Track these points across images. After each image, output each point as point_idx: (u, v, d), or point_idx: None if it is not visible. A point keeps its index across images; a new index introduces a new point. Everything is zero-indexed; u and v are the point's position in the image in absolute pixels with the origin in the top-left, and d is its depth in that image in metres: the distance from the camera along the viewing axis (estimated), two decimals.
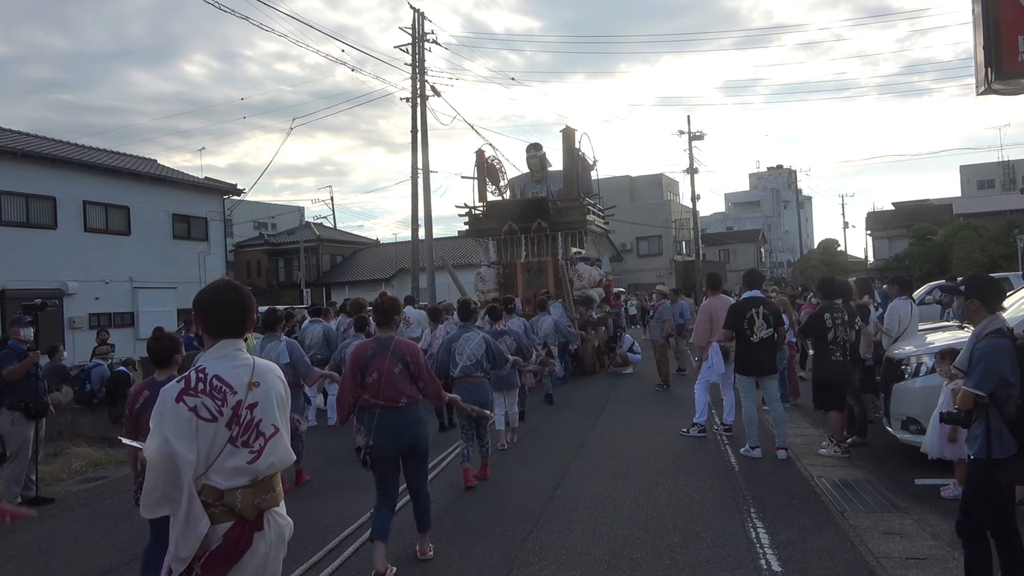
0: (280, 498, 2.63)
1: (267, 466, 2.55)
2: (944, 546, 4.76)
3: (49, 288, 20.17)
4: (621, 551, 4.99)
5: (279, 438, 2.60)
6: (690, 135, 41.46)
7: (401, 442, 4.78)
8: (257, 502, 2.51)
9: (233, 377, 2.54)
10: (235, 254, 39.71)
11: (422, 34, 22.65)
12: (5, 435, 7.08)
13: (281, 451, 2.60)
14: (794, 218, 68.25)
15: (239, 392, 2.52)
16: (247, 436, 2.51)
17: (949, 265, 29.83)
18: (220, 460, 2.46)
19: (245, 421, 2.51)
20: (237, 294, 2.68)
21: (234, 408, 2.50)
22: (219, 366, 2.55)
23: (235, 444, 2.49)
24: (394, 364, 4.77)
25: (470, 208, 18.33)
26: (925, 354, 6.81)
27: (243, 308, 2.67)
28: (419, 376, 4.87)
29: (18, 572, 5.34)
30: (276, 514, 2.59)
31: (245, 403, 2.52)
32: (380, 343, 4.91)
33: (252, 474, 2.51)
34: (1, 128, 22.39)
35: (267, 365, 2.69)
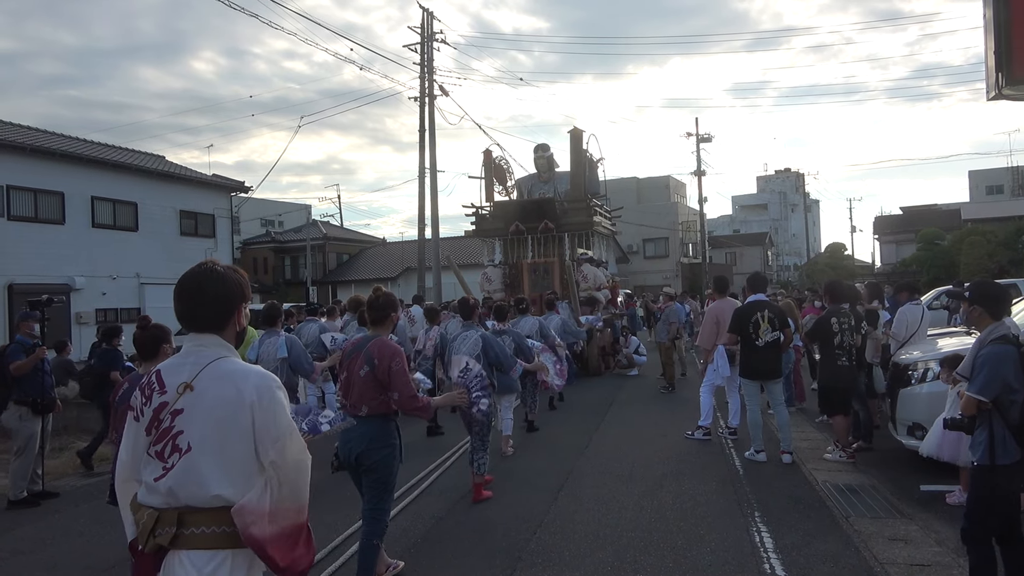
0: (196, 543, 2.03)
1: (167, 491, 2.05)
2: (949, 553, 4.73)
3: (57, 283, 20.24)
4: (624, 553, 4.98)
5: (190, 463, 2.05)
6: (698, 137, 41.46)
7: (351, 453, 4.35)
8: (157, 533, 2.03)
9: (170, 375, 2.16)
10: (242, 251, 39.79)
11: (431, 33, 22.67)
12: (12, 430, 7.11)
13: (194, 480, 2.04)
14: (801, 221, 68.14)
15: (168, 393, 2.13)
16: (161, 446, 2.09)
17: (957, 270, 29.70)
18: (143, 469, 2.15)
19: (163, 428, 2.10)
20: (203, 281, 2.21)
21: (156, 410, 2.13)
22: (168, 361, 2.25)
23: (150, 452, 2.12)
24: (361, 366, 4.36)
25: (477, 208, 18.35)
26: (932, 359, 6.78)
27: (211, 298, 2.21)
28: (390, 385, 4.30)
29: (24, 566, 5.36)
30: (180, 563, 2.03)
31: (170, 407, 2.10)
32: (360, 342, 4.59)
33: (160, 495, 2.06)
34: (10, 123, 22.50)
35: (235, 372, 2.15)
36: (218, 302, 2.22)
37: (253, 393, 2.10)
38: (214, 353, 2.18)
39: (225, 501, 2.05)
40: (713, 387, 8.76)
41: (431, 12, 22.68)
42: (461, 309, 7.23)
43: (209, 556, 2.03)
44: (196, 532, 2.03)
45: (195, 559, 2.02)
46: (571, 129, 17.89)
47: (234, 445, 2.07)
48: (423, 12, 22.61)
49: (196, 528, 2.04)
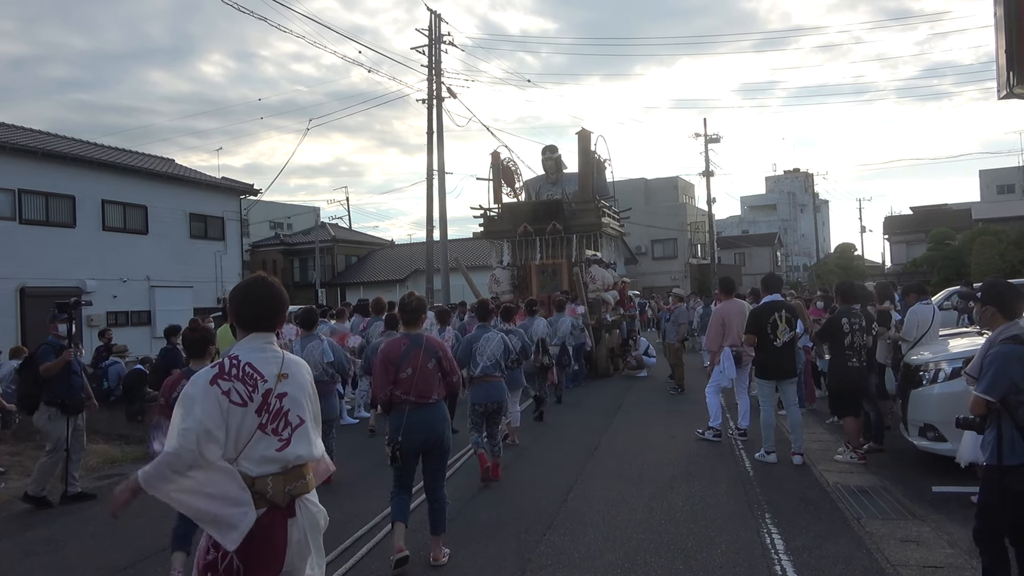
0: (311, 487, 2.69)
1: (295, 456, 2.62)
2: (962, 554, 4.71)
3: (68, 286, 20.32)
4: (635, 555, 4.97)
5: (304, 430, 2.67)
6: (706, 138, 41.38)
7: (429, 438, 4.88)
8: (288, 489, 2.57)
9: (264, 366, 2.63)
10: (251, 254, 39.92)
11: (438, 36, 22.72)
12: (42, 430, 7.17)
13: (306, 443, 2.67)
14: (811, 222, 67.85)
15: (269, 381, 2.61)
16: (276, 424, 2.59)
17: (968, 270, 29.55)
18: (250, 446, 2.55)
19: (274, 409, 2.60)
20: (268, 291, 2.76)
21: (264, 395, 2.59)
22: (251, 355, 2.64)
23: (264, 431, 2.57)
24: (428, 360, 4.92)
25: (485, 209, 18.35)
26: (944, 360, 6.74)
27: (273, 305, 2.76)
28: (451, 371, 5.05)
29: (37, 567, 5.39)
30: (307, 501, 2.66)
31: (275, 392, 2.61)
32: (412, 340, 5.02)
33: (281, 462, 2.58)
34: (21, 127, 22.65)
35: (295, 359, 2.78)
36: (279, 310, 2.80)
37: (309, 377, 2.82)
38: (277, 348, 2.74)
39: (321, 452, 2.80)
40: (719, 388, 8.74)
41: (439, 14, 22.74)
42: (479, 311, 7.82)
43: (314, 493, 2.73)
44: (308, 479, 2.69)
45: (311, 498, 2.70)
46: (579, 130, 17.89)
47: (313, 413, 2.77)
48: (431, 14, 22.67)
49: (305, 478, 2.68)
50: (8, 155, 19.11)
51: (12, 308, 19.10)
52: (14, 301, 19.17)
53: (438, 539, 4.98)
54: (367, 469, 7.72)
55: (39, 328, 18.75)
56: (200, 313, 18.45)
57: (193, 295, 23.68)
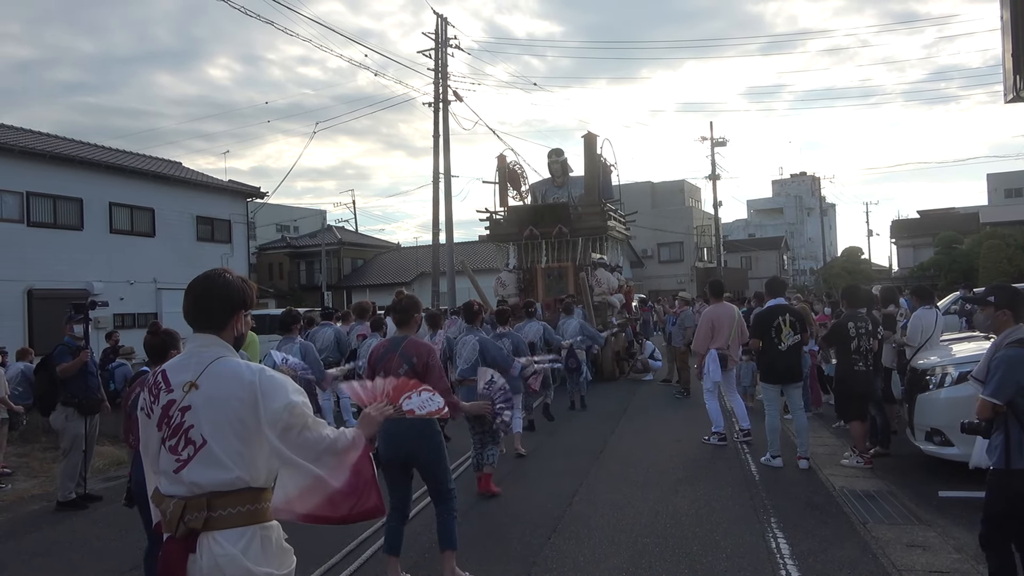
0: (230, 523, 2.22)
1: (189, 481, 2.23)
2: (969, 560, 4.68)
3: (75, 288, 20.41)
4: (640, 559, 4.96)
5: (209, 452, 2.22)
6: (712, 141, 41.35)
7: (401, 451, 4.54)
8: (187, 519, 2.20)
9: (176, 374, 2.32)
10: (257, 256, 40.06)
11: (445, 39, 22.76)
12: (59, 430, 7.20)
13: (209, 469, 2.22)
14: (817, 225, 67.67)
15: (175, 391, 2.29)
16: (175, 441, 2.26)
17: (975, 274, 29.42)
18: (159, 462, 2.32)
19: (175, 423, 2.26)
20: (210, 283, 2.41)
21: (164, 407, 2.30)
22: (171, 362, 2.41)
23: (164, 446, 2.29)
24: (399, 365, 4.54)
25: (491, 213, 18.37)
26: (950, 364, 6.72)
27: (215, 298, 2.40)
28: (427, 379, 4.35)
29: (42, 568, 5.41)
30: (215, 541, 2.20)
31: (178, 404, 2.27)
32: (392, 343, 4.76)
33: (181, 485, 2.24)
34: (30, 130, 22.78)
35: (234, 370, 2.30)
36: (220, 302, 2.40)
37: (253, 383, 2.26)
38: (215, 353, 2.34)
39: (246, 483, 2.26)
40: (716, 392, 8.71)
41: (445, 18, 22.78)
42: (465, 313, 7.39)
43: (239, 533, 2.22)
44: (224, 514, 2.22)
45: (228, 537, 2.21)
46: (585, 134, 17.90)
47: (248, 431, 2.25)
48: (437, 18, 22.71)
49: (223, 510, 2.22)
50: (16, 158, 19.22)
51: (20, 310, 19.20)
52: (22, 303, 19.28)
53: (447, 555, 4.58)
54: None
55: (46, 330, 18.92)
56: None
57: None
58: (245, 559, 2.20)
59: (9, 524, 6.65)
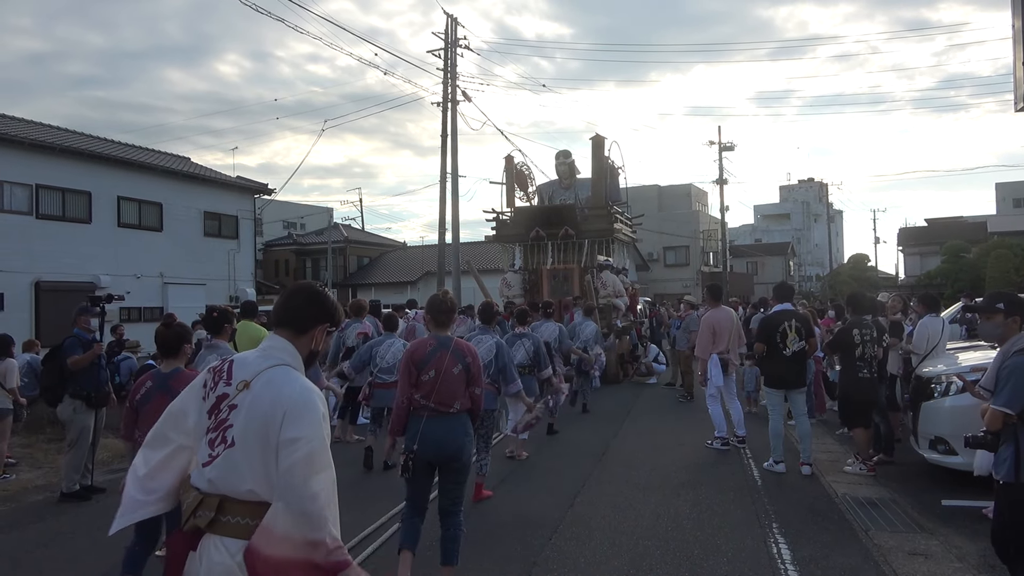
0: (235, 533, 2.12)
1: (209, 479, 2.18)
2: (970, 569, 4.67)
3: (82, 281, 20.50)
4: (640, 561, 4.96)
5: (231, 457, 2.16)
6: (720, 145, 41.28)
7: (444, 451, 4.44)
8: (197, 515, 2.16)
9: (239, 369, 2.28)
10: (264, 253, 40.13)
11: (454, 39, 22.75)
12: (66, 422, 7.22)
13: (229, 473, 2.15)
14: (824, 232, 67.47)
15: (231, 385, 2.24)
16: (215, 434, 2.21)
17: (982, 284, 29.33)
18: (198, 449, 2.28)
19: (220, 418, 2.22)
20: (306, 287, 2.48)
21: (219, 398, 2.25)
22: (241, 355, 2.38)
23: (206, 437, 2.23)
24: (454, 364, 4.49)
25: (498, 213, 18.38)
26: (955, 373, 6.70)
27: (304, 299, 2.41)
28: (476, 381, 4.57)
29: (46, 559, 5.43)
30: (216, 547, 2.12)
31: (229, 399, 2.22)
32: (440, 341, 4.63)
33: (204, 480, 2.19)
34: (39, 123, 22.86)
35: (281, 381, 2.22)
36: (309, 305, 2.38)
37: (287, 402, 2.14)
38: (278, 359, 2.28)
39: (258, 497, 2.12)
40: (719, 397, 8.70)
41: (455, 18, 22.77)
42: (482, 313, 7.24)
43: (241, 544, 2.08)
44: (231, 521, 2.12)
45: (229, 545, 2.11)
46: (593, 136, 17.92)
47: (268, 448, 2.12)
48: (447, 18, 22.71)
49: (231, 517, 2.13)
50: (26, 150, 19.30)
51: (27, 302, 19.27)
52: (29, 295, 19.35)
53: (449, 571, 4.51)
54: (366, 476, 7.74)
55: (53, 322, 18.98)
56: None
57: (206, 293, 23.80)
58: (240, 572, 2.06)
59: (13, 514, 6.68)
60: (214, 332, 5.83)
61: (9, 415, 8.22)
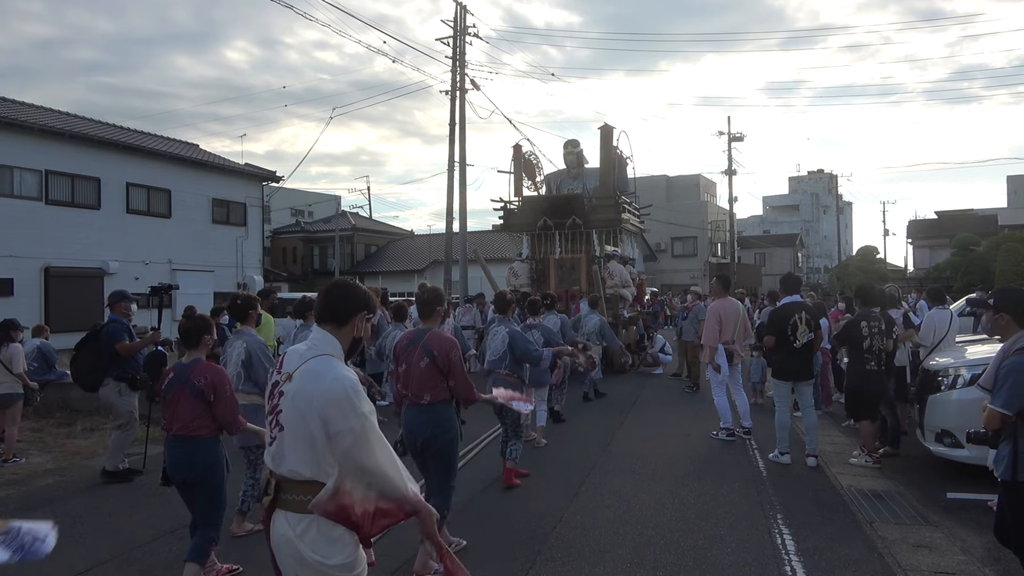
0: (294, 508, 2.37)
1: (270, 459, 2.46)
2: (975, 561, 4.68)
3: (91, 267, 20.62)
4: (644, 550, 4.98)
5: (283, 441, 2.40)
6: (730, 136, 41.14)
7: (416, 440, 4.65)
8: (268, 492, 2.44)
9: (289, 360, 2.52)
10: (272, 240, 40.22)
11: (463, 27, 22.68)
12: (113, 405, 7.30)
13: (283, 457, 2.40)
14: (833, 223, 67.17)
15: (282, 374, 2.49)
16: (271, 418, 2.48)
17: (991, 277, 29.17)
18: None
19: (273, 403, 2.48)
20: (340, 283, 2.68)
21: (273, 385, 2.52)
22: (296, 347, 2.60)
23: (268, 420, 2.51)
24: (421, 358, 4.62)
25: (505, 202, 18.36)
26: (963, 366, 6.69)
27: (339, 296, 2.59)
28: (449, 373, 4.62)
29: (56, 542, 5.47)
30: (282, 519, 2.40)
31: (279, 386, 2.47)
32: (415, 335, 4.81)
33: (270, 459, 2.47)
34: (49, 109, 22.93)
35: (318, 373, 2.40)
36: (344, 300, 2.58)
37: (323, 396, 2.35)
38: (320, 350, 2.49)
39: (308, 477, 2.36)
40: (724, 387, 8.70)
41: (464, 5, 22.68)
42: (497, 303, 7.33)
43: (299, 518, 2.36)
44: (289, 497, 2.39)
45: (290, 519, 2.38)
46: (601, 125, 17.83)
47: (311, 433, 2.35)
48: (456, 5, 22.63)
49: (289, 494, 2.39)
50: (36, 136, 19.38)
51: (36, 287, 19.39)
52: (38, 280, 19.47)
53: (426, 549, 4.51)
54: None
55: (62, 307, 19.11)
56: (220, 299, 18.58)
57: (214, 279, 23.90)
58: (299, 542, 2.33)
59: (23, 497, 6.73)
60: (240, 319, 5.86)
61: (19, 400, 8.28)
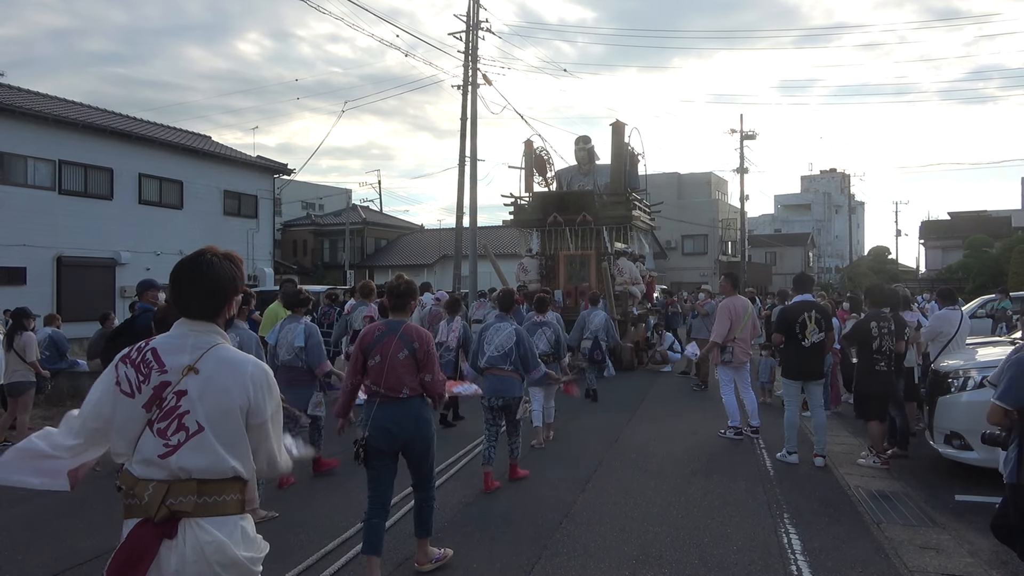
0: (213, 511, 2.18)
1: (178, 467, 2.16)
2: (982, 564, 4.66)
3: (103, 257, 20.74)
4: (650, 547, 4.98)
5: (204, 439, 2.18)
6: (742, 134, 41.00)
7: (398, 438, 4.40)
8: (169, 502, 2.14)
9: (170, 355, 2.23)
10: (282, 233, 40.32)
11: (476, 22, 22.66)
12: None
13: (204, 456, 2.18)
14: (845, 223, 66.90)
15: (170, 373, 2.21)
16: (165, 424, 2.17)
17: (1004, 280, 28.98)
18: (139, 445, 2.20)
19: (168, 407, 2.18)
20: (200, 272, 2.33)
21: (156, 388, 2.20)
22: (163, 340, 2.29)
23: (151, 429, 2.19)
24: (400, 349, 4.41)
25: (516, 198, 18.35)
26: (973, 368, 6.65)
27: (204, 291, 2.32)
28: (425, 366, 4.45)
29: (65, 528, 5.53)
30: (199, 527, 2.15)
31: (173, 387, 2.19)
32: (389, 326, 4.58)
33: (166, 470, 2.17)
34: (63, 99, 23.04)
35: (234, 360, 2.27)
36: (210, 295, 2.32)
37: (250, 382, 2.24)
38: (211, 339, 2.29)
39: (237, 473, 2.23)
40: (732, 386, 8.68)
41: (477, 0, 22.66)
42: (501, 300, 7.18)
43: (223, 521, 2.19)
44: (212, 500, 2.19)
45: (214, 523, 2.17)
46: (613, 122, 17.80)
47: (238, 426, 2.23)
48: (469, 0, 22.61)
49: (213, 496, 2.19)
50: (50, 126, 19.49)
51: (49, 276, 19.52)
52: (51, 269, 19.60)
53: (422, 542, 4.60)
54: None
55: (74, 296, 19.23)
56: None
57: None
58: (232, 545, 2.17)
59: None
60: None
61: (31, 388, 8.35)
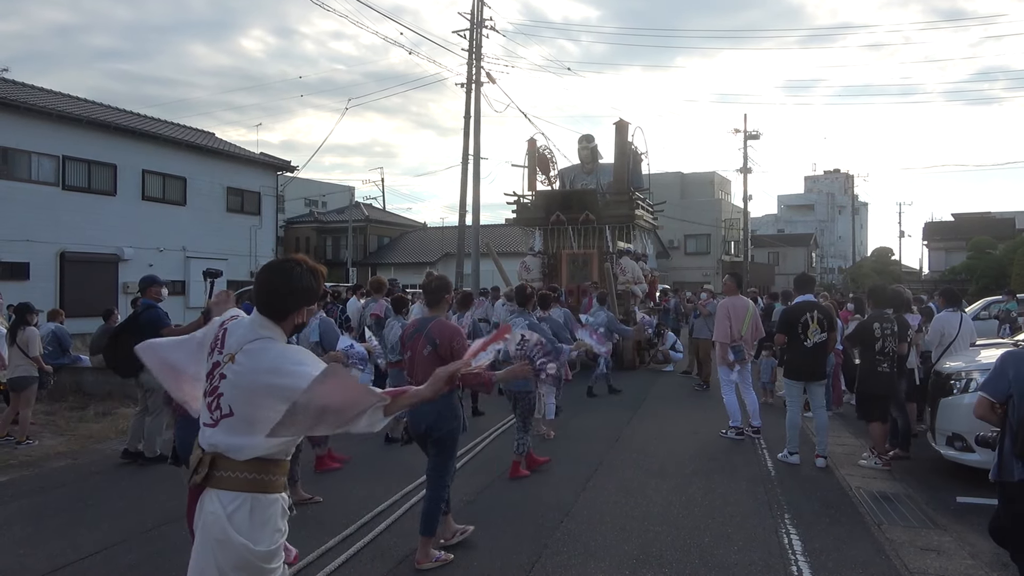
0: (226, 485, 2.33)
1: (208, 444, 2.37)
2: (983, 566, 4.65)
3: (106, 252, 20.77)
4: (650, 547, 4.99)
5: (233, 424, 2.34)
6: (745, 134, 40.91)
7: (418, 427, 4.72)
8: (198, 471, 2.36)
9: (231, 338, 2.43)
10: (285, 230, 40.37)
11: (480, 20, 22.66)
12: (153, 389, 7.34)
13: (232, 437, 2.33)
14: (848, 224, 66.80)
15: (223, 355, 2.41)
16: (211, 399, 2.40)
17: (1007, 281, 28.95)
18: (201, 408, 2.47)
19: (214, 384, 2.40)
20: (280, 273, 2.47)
21: (214, 365, 2.44)
22: (237, 322, 2.51)
23: (206, 399, 2.43)
24: (424, 346, 4.71)
25: (519, 196, 18.35)
26: (975, 370, 6.64)
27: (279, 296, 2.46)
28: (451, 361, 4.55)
29: (66, 524, 5.54)
30: (211, 498, 2.33)
31: (220, 368, 2.40)
32: (419, 323, 4.91)
33: (208, 443, 2.38)
34: (67, 95, 23.06)
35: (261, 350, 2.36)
36: (282, 299, 2.45)
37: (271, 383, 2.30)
38: (260, 333, 2.42)
39: (254, 453, 2.35)
40: (733, 386, 8.68)
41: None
42: (517, 296, 7.44)
43: (232, 497, 2.32)
44: (224, 475, 2.34)
45: (222, 497, 2.33)
46: (616, 121, 17.79)
47: (265, 412, 2.28)
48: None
49: (225, 472, 2.34)
50: (53, 122, 19.51)
51: (52, 272, 19.55)
52: (54, 265, 19.62)
53: (425, 540, 4.67)
54: (386, 451, 7.82)
55: (77, 292, 19.24)
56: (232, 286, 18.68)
57: (227, 268, 23.97)
58: (228, 523, 2.29)
59: (36, 480, 6.81)
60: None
61: (34, 383, 8.36)
